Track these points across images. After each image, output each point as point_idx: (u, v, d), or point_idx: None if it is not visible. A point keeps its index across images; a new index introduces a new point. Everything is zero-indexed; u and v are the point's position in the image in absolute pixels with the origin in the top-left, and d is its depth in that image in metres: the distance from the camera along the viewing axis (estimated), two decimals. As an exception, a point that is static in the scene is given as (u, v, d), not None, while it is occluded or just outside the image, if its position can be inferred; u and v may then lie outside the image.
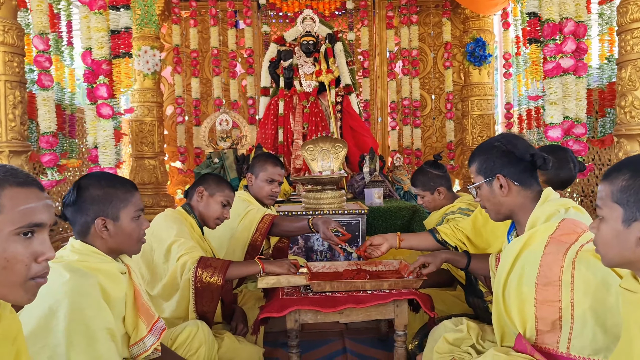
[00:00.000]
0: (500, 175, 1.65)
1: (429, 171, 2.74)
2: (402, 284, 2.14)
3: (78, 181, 1.57)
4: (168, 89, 6.32)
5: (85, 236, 1.55)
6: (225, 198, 2.38)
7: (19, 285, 1.01)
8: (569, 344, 1.42)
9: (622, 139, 3.19)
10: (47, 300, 1.36)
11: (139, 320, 1.58)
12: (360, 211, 3.30)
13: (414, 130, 6.41)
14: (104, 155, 3.36)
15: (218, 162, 5.01)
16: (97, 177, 1.60)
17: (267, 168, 2.82)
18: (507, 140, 1.69)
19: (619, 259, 1.13)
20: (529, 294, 1.49)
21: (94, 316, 1.40)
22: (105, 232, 1.54)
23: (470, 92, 5.96)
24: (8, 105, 3.10)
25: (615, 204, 1.12)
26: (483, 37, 5.76)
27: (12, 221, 0.99)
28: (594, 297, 1.37)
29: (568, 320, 1.41)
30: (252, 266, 2.26)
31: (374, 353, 2.42)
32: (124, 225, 1.56)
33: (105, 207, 1.54)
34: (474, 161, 1.74)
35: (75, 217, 1.55)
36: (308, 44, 5.02)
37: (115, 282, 1.53)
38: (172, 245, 2.18)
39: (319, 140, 3.65)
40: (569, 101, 3.40)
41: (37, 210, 1.03)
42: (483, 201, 1.74)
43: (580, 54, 3.43)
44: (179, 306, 2.16)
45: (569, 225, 1.48)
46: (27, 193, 1.02)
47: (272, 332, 2.63)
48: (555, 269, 1.43)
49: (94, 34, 3.33)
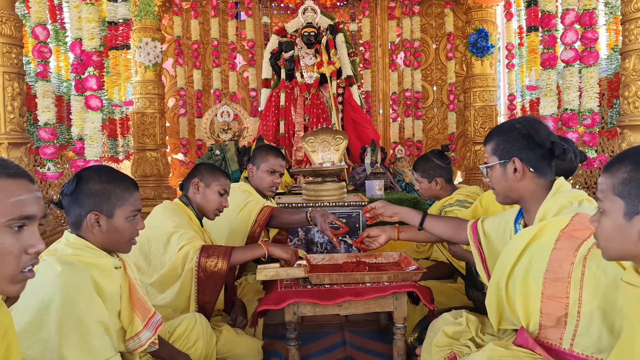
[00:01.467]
0: (516, 158, 1.59)
1: (432, 159, 2.74)
2: (401, 276, 2.13)
3: (79, 172, 1.57)
4: (170, 81, 6.30)
5: (78, 229, 1.54)
6: (221, 187, 2.36)
7: (9, 277, 1.00)
8: (572, 340, 1.39)
9: (626, 130, 3.15)
10: (39, 294, 1.36)
11: (134, 315, 1.57)
12: (361, 203, 3.28)
13: (415, 122, 6.38)
14: (90, 148, 3.33)
15: (219, 154, 5.00)
16: (99, 170, 1.58)
17: (269, 159, 2.81)
18: (529, 124, 1.63)
19: (621, 253, 1.11)
20: (536, 288, 1.45)
21: (86, 310, 1.39)
22: (97, 228, 1.52)
23: (472, 84, 5.91)
24: (7, 97, 3.08)
25: (616, 197, 1.09)
26: (485, 27, 5.71)
27: (3, 213, 0.98)
28: (603, 297, 1.34)
29: (574, 317, 1.38)
30: (257, 249, 2.24)
31: (373, 346, 2.41)
32: (117, 224, 1.54)
33: (102, 202, 1.52)
34: (491, 140, 1.68)
35: (70, 208, 1.53)
36: (309, 35, 4.98)
37: (108, 276, 1.52)
38: (172, 236, 2.17)
39: (319, 132, 3.63)
40: (569, 93, 3.35)
41: (28, 202, 1.02)
42: (493, 183, 1.69)
43: (590, 43, 3.36)
44: (178, 297, 2.15)
45: (582, 220, 1.44)
46: (17, 185, 1.01)
47: (271, 324, 2.62)
48: (565, 265, 1.39)
49: (85, 24, 3.29)
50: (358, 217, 3.23)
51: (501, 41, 6.48)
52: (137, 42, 5.09)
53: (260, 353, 2.24)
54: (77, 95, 3.44)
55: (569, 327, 1.40)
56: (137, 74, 5.25)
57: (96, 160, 3.30)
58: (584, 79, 3.41)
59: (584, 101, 3.44)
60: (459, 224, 2.02)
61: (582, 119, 3.42)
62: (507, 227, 1.79)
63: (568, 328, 1.40)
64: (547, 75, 3.33)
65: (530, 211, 1.62)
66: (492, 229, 1.85)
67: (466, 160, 6.13)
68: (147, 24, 5.13)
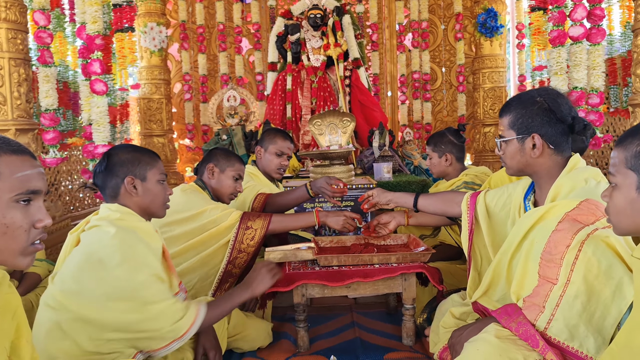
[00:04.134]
0: (537, 135, 1.54)
1: (447, 135, 2.75)
2: (410, 257, 2.12)
3: (108, 151, 1.76)
4: (175, 66, 6.27)
5: (116, 198, 1.69)
6: (236, 172, 2.40)
7: (20, 250, 1.03)
8: (548, 324, 1.34)
9: (638, 109, 3.10)
10: (98, 254, 1.47)
11: (172, 276, 1.71)
12: (369, 185, 3.27)
13: (424, 104, 6.32)
14: (97, 132, 3.33)
15: (226, 138, 4.99)
16: (124, 145, 1.82)
17: (277, 141, 2.83)
18: (551, 98, 1.56)
19: (633, 227, 1.09)
20: (533, 268, 1.42)
21: (144, 264, 1.52)
22: (134, 191, 1.69)
23: (481, 65, 5.82)
24: (13, 83, 3.07)
25: (629, 171, 1.07)
26: (495, 7, 5.59)
27: (11, 188, 1.01)
28: (591, 285, 1.29)
29: (555, 299, 1.33)
30: (307, 217, 2.31)
31: (382, 327, 2.41)
32: (150, 186, 1.72)
33: (134, 167, 1.70)
34: (509, 113, 1.60)
35: (105, 181, 1.70)
36: (315, 17, 4.92)
37: (152, 238, 1.66)
38: (204, 212, 2.21)
39: (326, 115, 3.60)
40: (578, 71, 3.28)
41: (33, 177, 1.05)
42: (507, 158, 1.63)
43: (596, 20, 3.30)
44: (203, 263, 2.20)
45: (589, 206, 1.39)
46: (22, 160, 1.04)
47: (280, 307, 2.63)
48: (560, 247, 1.34)
49: (88, 7, 3.27)
50: (366, 200, 3.21)
51: (511, 21, 6.38)
52: (142, 27, 5.06)
53: (270, 334, 2.26)
54: (85, 80, 3.44)
55: (547, 309, 1.34)
56: (143, 60, 5.22)
57: (104, 145, 3.30)
58: (591, 57, 3.35)
59: (591, 79, 3.38)
60: (452, 197, 2.00)
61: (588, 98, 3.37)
62: (510, 200, 1.77)
63: (546, 311, 1.34)
64: (557, 54, 3.27)
65: (543, 187, 1.58)
66: (493, 199, 1.83)
67: (475, 142, 6.07)
68: (151, 9, 5.09)
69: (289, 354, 2.15)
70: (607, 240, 1.31)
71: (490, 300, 1.67)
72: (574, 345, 1.30)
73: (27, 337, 1.11)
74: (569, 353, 1.31)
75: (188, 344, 1.88)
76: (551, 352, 1.29)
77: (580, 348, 1.30)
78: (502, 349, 1.36)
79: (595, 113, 3.37)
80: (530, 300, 1.40)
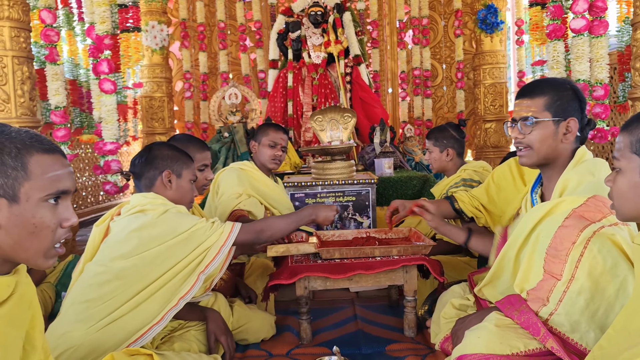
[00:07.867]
0: (574, 119, 1.53)
1: (448, 129, 2.75)
2: (411, 250, 2.14)
3: (150, 145, 1.95)
4: (176, 65, 6.29)
5: (150, 188, 1.87)
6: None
7: (44, 250, 1.02)
8: (550, 316, 1.36)
9: (638, 103, 3.11)
10: (149, 230, 1.70)
11: None
12: (370, 181, 3.29)
13: (424, 100, 6.33)
14: (106, 130, 3.40)
15: (228, 136, 5.00)
16: (166, 142, 2.05)
17: (269, 132, 2.90)
18: (578, 88, 1.58)
19: (635, 212, 1.10)
20: (538, 262, 1.43)
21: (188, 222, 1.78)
22: (169, 184, 1.88)
23: (482, 61, 5.83)
24: (16, 81, 3.10)
25: (634, 155, 1.08)
26: (495, 3, 5.60)
27: (42, 188, 0.99)
28: (595, 282, 1.30)
29: (559, 294, 1.35)
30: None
31: (384, 319, 2.43)
32: (183, 183, 1.93)
33: (173, 163, 1.90)
34: (543, 94, 1.56)
35: (143, 171, 1.88)
36: (316, 14, 4.94)
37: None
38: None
39: (327, 111, 3.61)
40: (580, 63, 3.29)
41: (63, 177, 1.04)
42: (532, 140, 1.57)
43: (598, 12, 3.29)
44: None
45: (597, 203, 1.40)
46: (53, 160, 1.03)
47: (283, 300, 2.65)
48: (566, 243, 1.36)
49: (96, 8, 3.33)
50: (367, 195, 3.23)
51: (511, 17, 6.39)
52: (143, 26, 5.08)
53: (273, 327, 2.27)
54: (95, 79, 3.51)
55: (551, 302, 1.36)
56: (145, 58, 5.25)
57: (113, 142, 3.36)
58: (594, 50, 3.35)
59: (595, 72, 3.38)
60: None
61: (592, 91, 3.37)
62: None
63: (550, 304, 1.37)
64: (554, 47, 3.28)
65: (552, 179, 1.59)
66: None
67: (476, 138, 6.09)
68: (153, 7, 5.11)
69: (292, 346, 2.17)
70: (613, 238, 1.32)
71: (494, 292, 1.69)
72: (574, 337, 1.33)
73: (40, 327, 1.13)
74: (569, 344, 1.33)
75: (195, 335, 1.91)
76: (552, 339, 1.31)
77: (581, 341, 1.32)
78: (503, 337, 1.39)
79: (600, 105, 3.37)
80: (534, 293, 1.42)
